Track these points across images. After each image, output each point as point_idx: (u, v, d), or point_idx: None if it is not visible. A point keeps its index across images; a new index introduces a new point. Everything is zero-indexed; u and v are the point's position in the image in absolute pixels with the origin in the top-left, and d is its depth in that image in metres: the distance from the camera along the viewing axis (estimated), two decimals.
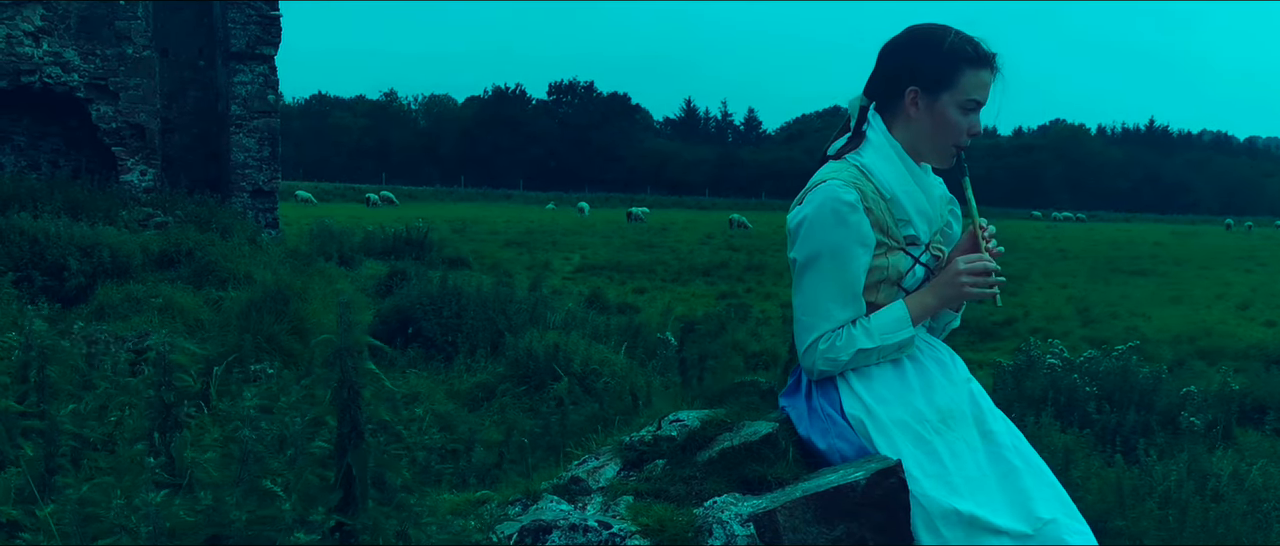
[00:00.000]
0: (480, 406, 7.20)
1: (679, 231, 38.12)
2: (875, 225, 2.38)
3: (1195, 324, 14.96)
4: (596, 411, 5.62)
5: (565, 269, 21.50)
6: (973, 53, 2.43)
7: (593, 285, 17.50)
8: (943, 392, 2.43)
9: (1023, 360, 8.07)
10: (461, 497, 2.30)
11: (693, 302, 16.33)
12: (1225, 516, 5.14)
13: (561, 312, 10.41)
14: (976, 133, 2.49)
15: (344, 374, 1.67)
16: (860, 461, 2.27)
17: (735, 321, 12.73)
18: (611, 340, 8.84)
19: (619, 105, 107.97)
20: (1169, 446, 6.54)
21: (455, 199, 69.10)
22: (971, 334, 13.52)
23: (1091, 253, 33.14)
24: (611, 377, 7.25)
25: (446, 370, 8.37)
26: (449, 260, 17.70)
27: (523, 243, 28.12)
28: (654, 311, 14.03)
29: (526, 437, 4.70)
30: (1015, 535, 2.23)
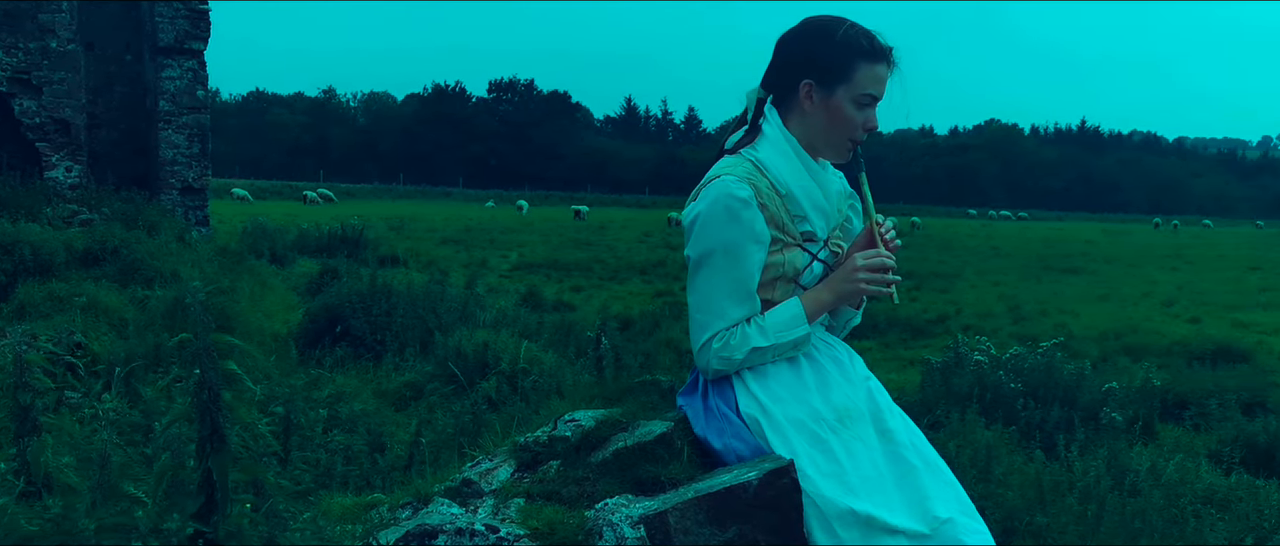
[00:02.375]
0: (407, 406, 7.13)
1: (618, 230, 38.11)
2: (770, 221, 2.35)
3: (1121, 321, 15.20)
4: (522, 411, 5.59)
5: (502, 267, 21.40)
6: (868, 46, 2.40)
7: (529, 283, 17.43)
8: (840, 391, 2.40)
9: (951, 357, 8.13)
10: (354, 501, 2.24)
11: (630, 301, 16.31)
12: (1142, 511, 5.21)
13: (494, 311, 10.33)
14: (872, 127, 2.45)
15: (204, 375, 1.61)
16: (754, 461, 2.24)
17: (670, 319, 12.74)
18: (543, 338, 8.79)
19: (559, 103, 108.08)
20: (1091, 442, 6.62)
21: (394, 197, 68.83)
22: (904, 331, 13.65)
23: (1024, 251, 33.60)
24: (540, 376, 7.20)
25: (375, 369, 8.28)
26: (383, 258, 17.56)
27: (460, 241, 27.99)
28: (590, 310, 14.00)
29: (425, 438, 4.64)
30: (912, 534, 2.21)
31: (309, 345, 8.76)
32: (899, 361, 11.19)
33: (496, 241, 28.78)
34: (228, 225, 21.08)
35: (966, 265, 25.88)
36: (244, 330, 8.30)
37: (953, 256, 28.94)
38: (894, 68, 2.44)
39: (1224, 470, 6.62)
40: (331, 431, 5.04)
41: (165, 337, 7.01)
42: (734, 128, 2.53)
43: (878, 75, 2.41)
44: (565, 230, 36.75)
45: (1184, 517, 5.23)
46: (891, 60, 2.43)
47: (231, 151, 75.78)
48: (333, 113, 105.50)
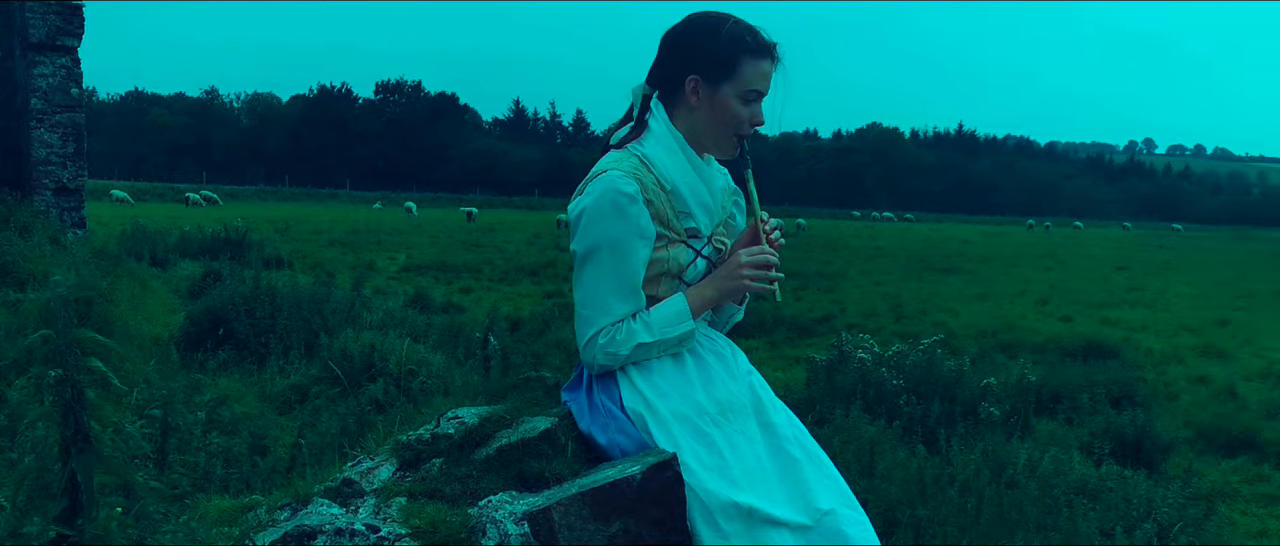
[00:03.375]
0: (292, 409, 6.99)
1: (507, 231, 37.98)
2: (656, 217, 2.35)
3: (998, 319, 15.64)
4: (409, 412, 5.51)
5: (390, 269, 21.15)
6: (753, 42, 2.41)
7: (418, 285, 17.24)
8: (723, 385, 2.41)
9: (835, 355, 8.27)
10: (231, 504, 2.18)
11: (520, 302, 16.26)
12: (1018, 503, 5.36)
13: (381, 313, 10.18)
14: (759, 123, 2.46)
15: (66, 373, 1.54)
16: (638, 456, 2.24)
17: (560, 320, 12.72)
18: (431, 340, 8.69)
19: (447, 105, 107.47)
20: (970, 436, 6.80)
21: (279, 199, 67.71)
22: (790, 330, 13.83)
23: (905, 251, 34.38)
24: (428, 378, 7.12)
25: (259, 372, 8.09)
26: (268, 260, 17.19)
27: (347, 242, 27.60)
28: (479, 311, 13.90)
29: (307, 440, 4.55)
30: (794, 526, 2.24)
31: (191, 349, 8.52)
32: (785, 360, 11.34)
33: (384, 243, 28.46)
34: (106, 227, 20.46)
35: (850, 265, 26.38)
36: (123, 333, 8.02)
37: (837, 257, 29.47)
38: (778, 63, 2.46)
39: (1095, 461, 6.86)
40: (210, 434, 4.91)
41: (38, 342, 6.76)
42: (620, 124, 2.53)
43: (763, 71, 2.42)
44: (454, 232, 36.47)
45: (1058, 507, 5.39)
46: (775, 56, 2.45)
47: (110, 152, 73.72)
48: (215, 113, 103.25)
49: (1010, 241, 48.65)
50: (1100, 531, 5.30)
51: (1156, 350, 13.48)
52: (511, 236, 34.88)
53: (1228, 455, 8.31)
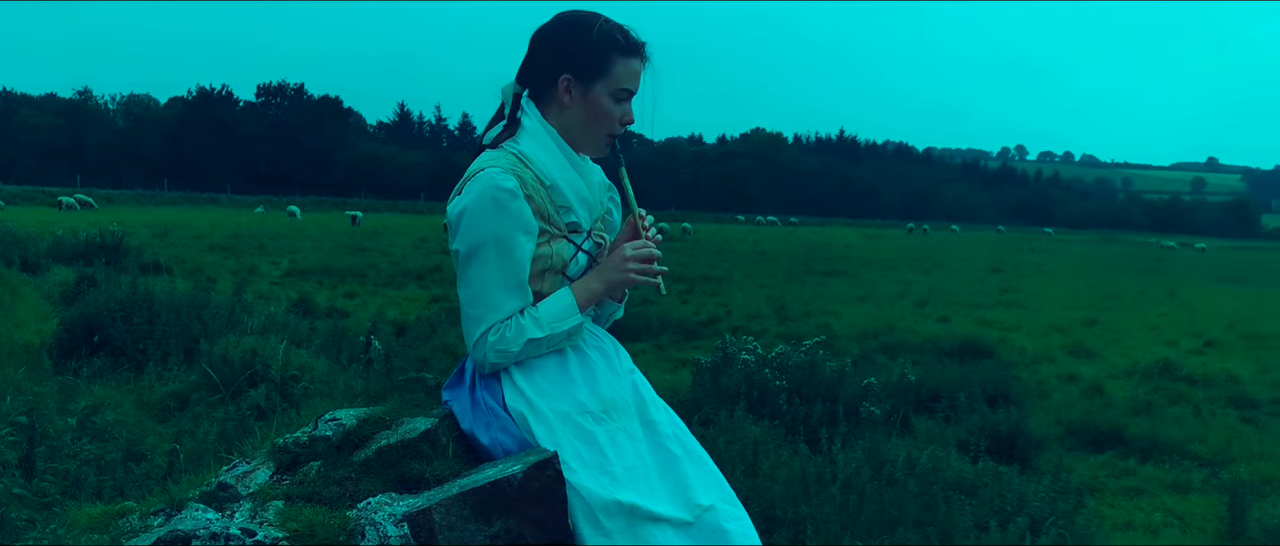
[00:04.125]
0: (171, 416, 6.80)
1: (393, 235, 37.51)
2: (537, 212, 2.35)
3: (879, 321, 15.98)
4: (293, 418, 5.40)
5: (273, 274, 20.72)
6: (623, 41, 2.43)
7: (301, 290, 16.92)
8: (606, 383, 2.43)
9: (720, 357, 8.33)
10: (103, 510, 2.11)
11: (406, 306, 16.07)
12: (898, 499, 5.47)
13: (263, 318, 9.95)
14: (630, 122, 2.49)
15: None
16: (520, 455, 2.24)
17: (447, 324, 12.61)
18: (314, 345, 8.54)
19: (331, 108, 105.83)
20: (852, 435, 6.90)
21: (158, 203, 65.89)
22: (676, 333, 13.91)
23: (789, 255, 34.86)
24: (311, 383, 6.99)
25: (136, 379, 7.85)
26: (146, 266, 16.67)
27: (229, 247, 26.96)
28: (364, 316, 13.71)
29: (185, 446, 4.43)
30: (675, 522, 2.26)
31: (65, 356, 8.22)
32: (671, 362, 11.41)
33: (267, 248, 27.87)
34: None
35: (735, 269, 26.66)
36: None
37: (722, 261, 29.75)
38: (648, 62, 2.48)
39: (971, 458, 7.02)
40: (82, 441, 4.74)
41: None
42: (493, 122, 2.53)
43: (633, 70, 2.45)
44: (339, 236, 35.90)
45: (936, 503, 5.52)
46: (645, 55, 2.47)
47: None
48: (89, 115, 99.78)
49: (890, 244, 49.73)
50: (976, 526, 5.42)
51: (1029, 349, 13.91)
52: (397, 240, 34.46)
53: (1096, 450, 8.61)
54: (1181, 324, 18.42)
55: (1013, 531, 5.38)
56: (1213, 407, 10.45)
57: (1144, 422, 9.28)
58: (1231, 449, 8.71)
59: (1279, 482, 7.83)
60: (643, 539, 2.24)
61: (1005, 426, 8.09)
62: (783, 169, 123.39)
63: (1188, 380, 11.84)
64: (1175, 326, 17.97)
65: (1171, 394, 10.99)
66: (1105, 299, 23.41)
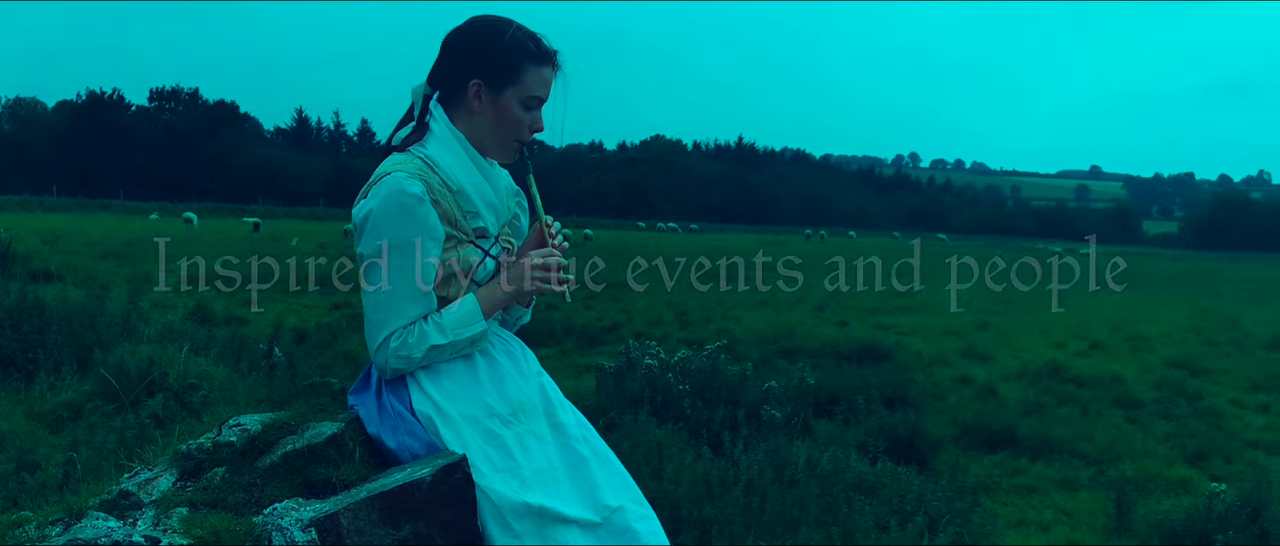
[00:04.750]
0: (65, 426, 6.58)
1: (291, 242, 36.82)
2: (443, 217, 2.34)
3: (778, 325, 16.16)
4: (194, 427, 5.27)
5: (169, 281, 20.17)
6: (535, 49, 2.44)
7: (198, 298, 16.50)
8: (514, 386, 2.43)
9: (623, 362, 8.36)
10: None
11: (306, 314, 15.78)
12: (800, 500, 5.55)
13: (160, 326, 9.69)
14: (539, 129, 2.50)
15: None
16: (428, 458, 2.24)
17: (348, 331, 12.44)
18: (213, 353, 8.35)
19: (227, 113, 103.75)
20: (754, 438, 6.98)
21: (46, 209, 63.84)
22: (579, 339, 13.91)
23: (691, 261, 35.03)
24: (211, 391, 6.83)
25: (27, 390, 7.57)
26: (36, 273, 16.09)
27: (122, 254, 26.17)
28: (264, 323, 13.43)
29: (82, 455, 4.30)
30: (584, 523, 2.28)
31: None
32: (575, 368, 11.40)
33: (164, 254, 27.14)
34: None
35: None
36: None
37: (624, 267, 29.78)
38: (559, 71, 2.49)
39: (871, 459, 7.17)
40: None
41: None
42: (401, 124, 2.51)
43: (544, 78, 2.45)
44: (237, 243, 35.12)
45: (837, 504, 5.62)
46: (556, 63, 2.48)
47: None
48: None
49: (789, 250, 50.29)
50: (876, 525, 5.53)
51: (925, 353, 14.20)
52: (294, 246, 33.82)
53: (990, 450, 8.82)
54: (1069, 327, 18.97)
55: (912, 530, 5.50)
56: (1099, 408, 10.78)
57: (1035, 423, 9.53)
58: (1117, 447, 8.99)
59: (1162, 479, 8.10)
60: (552, 540, 2.25)
61: (903, 428, 8.25)
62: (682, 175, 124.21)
63: (1075, 381, 12.20)
64: (1063, 329, 18.50)
65: (1060, 395, 11.32)
66: (997, 303, 24.00)
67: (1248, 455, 9.00)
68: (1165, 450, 9.11)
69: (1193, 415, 10.61)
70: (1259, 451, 9.20)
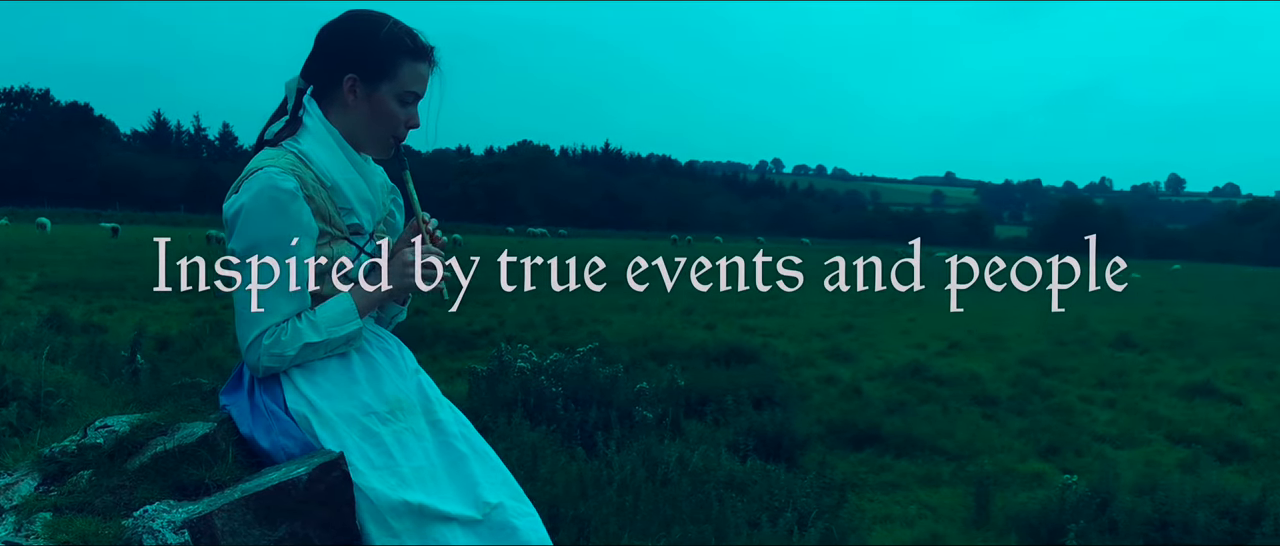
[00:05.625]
0: None
1: (152, 247, 35.60)
2: (317, 214, 2.31)
3: (648, 328, 16.27)
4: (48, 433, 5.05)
5: (21, 288, 19.31)
6: (412, 45, 2.42)
7: (53, 304, 15.80)
8: (391, 383, 2.40)
9: (496, 365, 8.32)
10: None
11: (168, 320, 15.26)
12: (673, 498, 5.60)
13: (13, 333, 9.25)
14: (415, 125, 2.47)
15: None
16: (304, 458, 2.20)
17: (213, 337, 12.08)
18: (71, 360, 8.02)
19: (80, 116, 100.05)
20: (626, 438, 7.02)
21: None
22: (450, 343, 13.77)
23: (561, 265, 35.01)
24: (69, 399, 6.56)
25: None
26: None
27: None
28: (124, 330, 12.95)
29: None
30: (464, 521, 2.27)
31: None
32: (447, 372, 11.28)
33: (14, 261, 26.03)
34: None
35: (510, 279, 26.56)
36: None
37: (495, 271, 29.60)
38: (435, 67, 2.47)
39: (741, 457, 7.27)
40: None
41: None
42: (274, 118, 2.46)
43: (421, 73, 2.43)
44: (94, 248, 33.84)
45: (709, 502, 5.68)
46: (433, 59, 2.46)
47: None
48: None
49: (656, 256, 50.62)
50: (748, 522, 5.61)
51: (791, 354, 14.46)
52: (158, 252, 32.71)
53: (855, 448, 9.01)
54: (929, 328, 19.55)
55: (782, 526, 5.59)
56: (958, 405, 11.12)
57: (898, 421, 9.77)
58: (975, 443, 9.27)
59: (1018, 473, 8.39)
60: (432, 538, 2.23)
61: (771, 427, 8.37)
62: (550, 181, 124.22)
63: (936, 380, 12.55)
64: (923, 330, 19.05)
65: (922, 393, 11.63)
66: (860, 305, 24.60)
67: (1096, 448, 9.38)
68: (1020, 445, 9.44)
69: (1045, 411, 11.02)
70: (1106, 445, 9.60)
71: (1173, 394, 12.63)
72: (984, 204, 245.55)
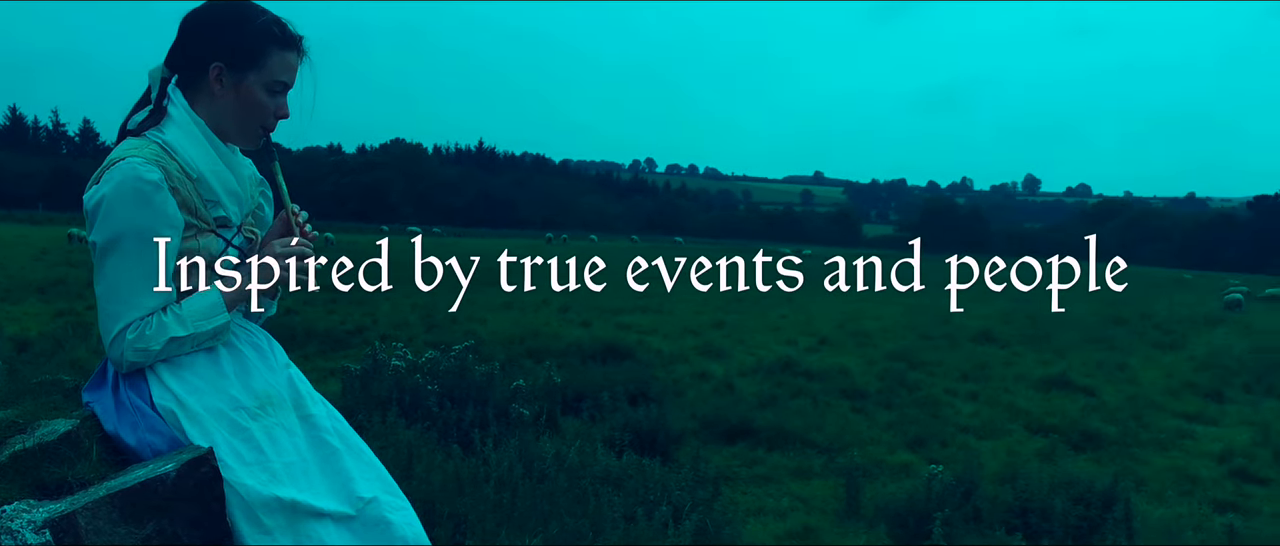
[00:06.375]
0: None
1: (9, 247, 34.07)
2: (182, 205, 2.25)
3: (524, 326, 16.22)
4: None
5: None
6: (280, 33, 2.38)
7: None
8: (261, 378, 2.36)
9: (370, 364, 8.21)
10: None
11: (26, 322, 14.63)
12: (550, 494, 5.61)
13: None
14: (284, 115, 2.43)
15: None
16: (172, 454, 2.14)
17: (75, 340, 11.63)
18: None
19: None
20: (503, 435, 7.01)
21: None
22: (323, 343, 13.53)
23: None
24: None
25: None
26: None
27: None
28: None
29: None
30: (337, 516, 2.24)
31: None
32: (319, 372, 11.08)
33: None
34: None
35: None
36: None
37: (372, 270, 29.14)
38: (304, 57, 2.44)
39: (617, 453, 7.32)
40: None
41: None
42: (138, 108, 2.39)
43: (289, 63, 2.39)
44: None
45: (586, 496, 5.71)
46: (302, 49, 2.43)
47: None
48: None
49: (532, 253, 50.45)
50: (624, 516, 5.65)
51: (665, 351, 14.58)
52: (14, 252, 31.35)
53: (728, 442, 9.15)
54: (799, 324, 19.91)
55: (657, 519, 5.65)
56: (828, 399, 11.36)
57: (770, 415, 9.94)
58: (845, 436, 9.50)
59: (886, 465, 8.63)
60: (304, 534, 2.20)
61: (646, 423, 8.45)
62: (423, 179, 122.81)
63: (806, 375, 12.81)
64: (793, 327, 19.40)
65: (793, 388, 11.86)
66: (732, 302, 24.91)
67: (960, 439, 9.70)
68: (888, 437, 9.70)
69: (912, 404, 11.35)
70: (970, 436, 9.93)
71: (1031, 386, 13.13)
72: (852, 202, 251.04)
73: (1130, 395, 12.75)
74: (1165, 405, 12.23)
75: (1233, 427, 11.13)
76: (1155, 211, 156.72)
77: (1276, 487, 8.60)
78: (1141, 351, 17.97)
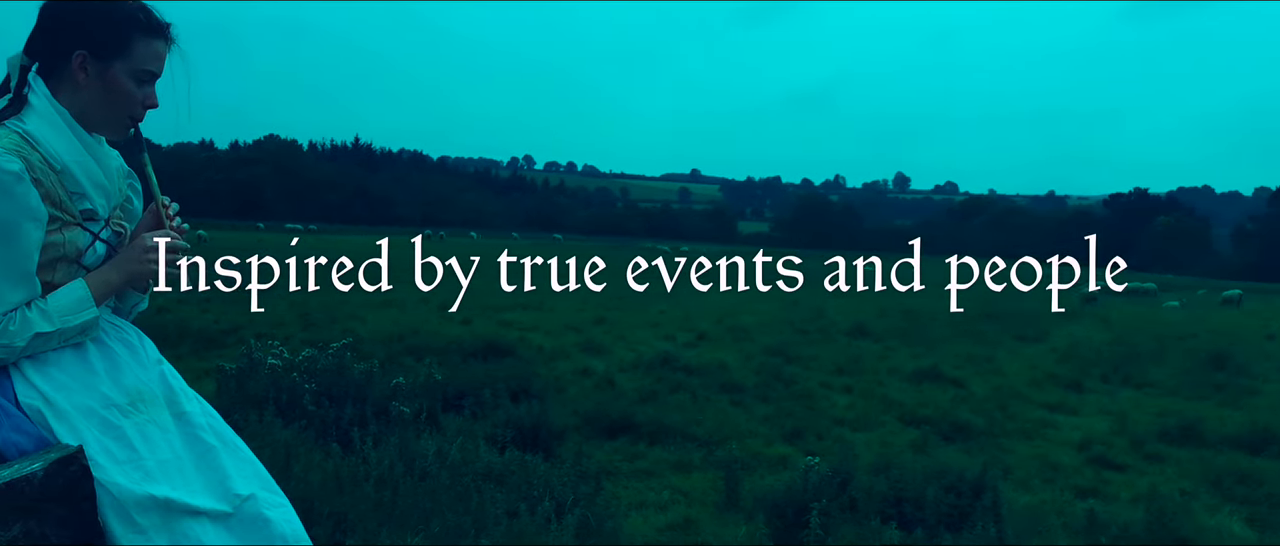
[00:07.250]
0: None
1: None
2: (46, 197, 2.18)
3: (404, 324, 16.01)
4: None
5: None
6: (146, 20, 2.32)
7: None
8: (132, 374, 2.31)
9: (245, 363, 8.02)
10: None
11: None
12: (432, 491, 5.57)
13: None
14: (152, 105, 2.37)
15: None
16: (39, 453, 2.08)
17: None
18: None
19: None
20: (383, 434, 6.92)
21: None
22: (196, 342, 13.16)
23: None
24: None
25: None
26: None
27: None
28: None
29: None
30: (214, 514, 2.21)
31: None
32: (193, 372, 10.76)
33: None
34: None
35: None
36: None
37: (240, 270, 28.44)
38: (173, 44, 2.38)
39: (499, 449, 7.28)
40: None
41: None
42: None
43: (157, 51, 2.34)
44: None
45: (469, 493, 5.67)
46: (170, 36, 2.37)
47: None
48: None
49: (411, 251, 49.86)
50: (507, 512, 5.64)
51: (547, 347, 14.55)
52: None
53: (610, 437, 9.16)
54: (677, 320, 20.07)
55: (540, 514, 5.65)
56: (707, 393, 11.46)
57: (650, 410, 9.98)
58: (724, 429, 9.59)
59: (764, 457, 8.74)
60: (180, 533, 2.16)
61: (528, 419, 8.42)
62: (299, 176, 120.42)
63: (686, 370, 12.89)
64: (672, 322, 19.55)
65: (672, 383, 11.92)
66: (613, 299, 24.99)
67: (836, 431, 9.88)
68: (766, 430, 9.83)
69: (788, 397, 11.52)
70: (845, 428, 10.13)
71: (904, 379, 13.46)
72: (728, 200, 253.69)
73: (996, 386, 13.17)
74: (1029, 396, 12.67)
75: (1092, 417, 11.58)
76: (1018, 209, 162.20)
77: (1133, 473, 8.98)
78: (1007, 344, 18.59)
